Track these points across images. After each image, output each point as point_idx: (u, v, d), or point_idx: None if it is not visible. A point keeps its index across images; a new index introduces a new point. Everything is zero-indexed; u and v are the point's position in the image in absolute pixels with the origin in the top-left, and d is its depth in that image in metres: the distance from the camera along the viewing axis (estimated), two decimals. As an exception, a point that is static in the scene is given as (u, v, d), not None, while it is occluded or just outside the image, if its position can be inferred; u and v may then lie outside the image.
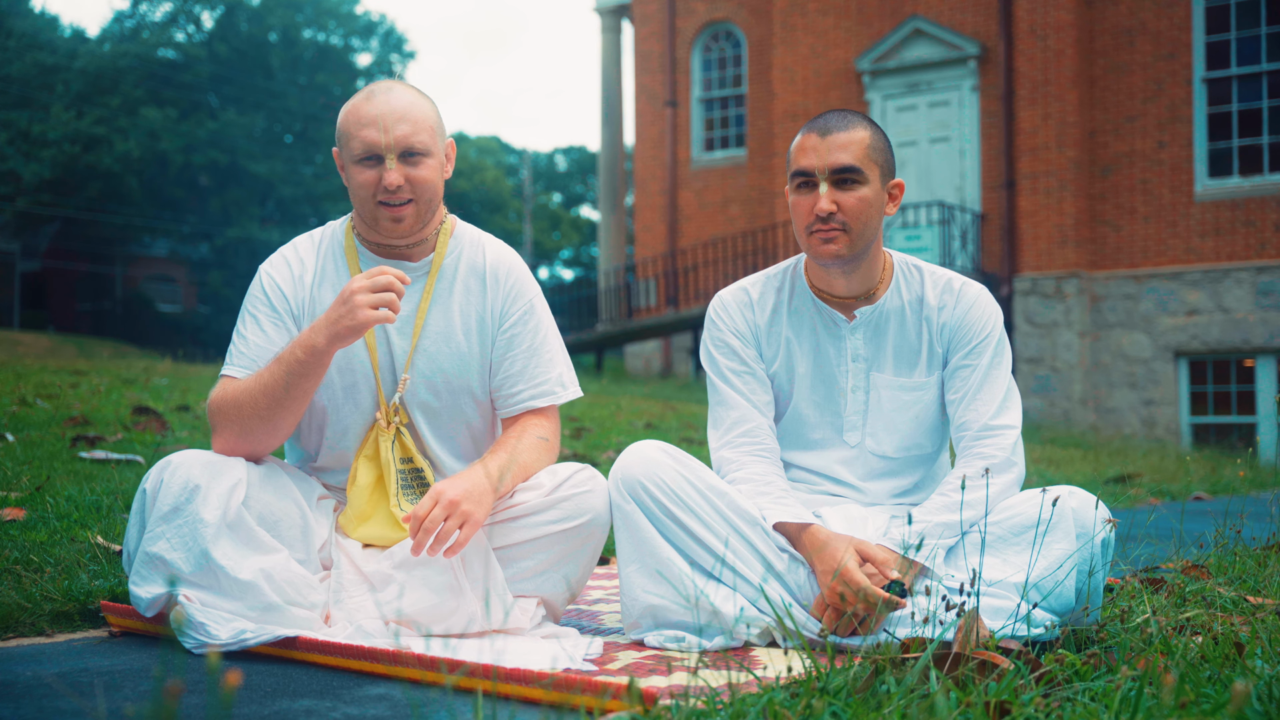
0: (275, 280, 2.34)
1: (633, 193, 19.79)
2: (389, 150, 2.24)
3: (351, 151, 2.26)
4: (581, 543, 2.27)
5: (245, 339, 2.29)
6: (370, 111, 2.24)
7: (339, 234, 2.41)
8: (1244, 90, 13.80)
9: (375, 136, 2.23)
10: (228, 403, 2.21)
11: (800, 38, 16.10)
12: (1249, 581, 2.60)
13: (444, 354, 2.36)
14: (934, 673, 1.56)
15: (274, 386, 2.18)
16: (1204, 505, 5.81)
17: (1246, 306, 13.50)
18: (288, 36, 35.17)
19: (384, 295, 2.14)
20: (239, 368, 2.26)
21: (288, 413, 2.20)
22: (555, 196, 50.50)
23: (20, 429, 5.01)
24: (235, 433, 2.20)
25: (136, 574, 2.09)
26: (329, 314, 2.16)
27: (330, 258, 2.38)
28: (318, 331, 2.16)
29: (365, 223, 2.33)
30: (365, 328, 2.13)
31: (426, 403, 2.36)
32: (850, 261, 2.35)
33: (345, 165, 2.30)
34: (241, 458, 2.21)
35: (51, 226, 34.49)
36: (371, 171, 2.25)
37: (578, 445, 6.56)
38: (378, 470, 2.32)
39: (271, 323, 2.30)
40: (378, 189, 2.25)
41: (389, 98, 2.26)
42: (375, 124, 2.23)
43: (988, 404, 2.35)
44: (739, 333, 2.47)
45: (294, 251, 2.38)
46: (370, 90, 2.28)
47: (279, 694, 1.81)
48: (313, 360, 2.16)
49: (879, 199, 2.33)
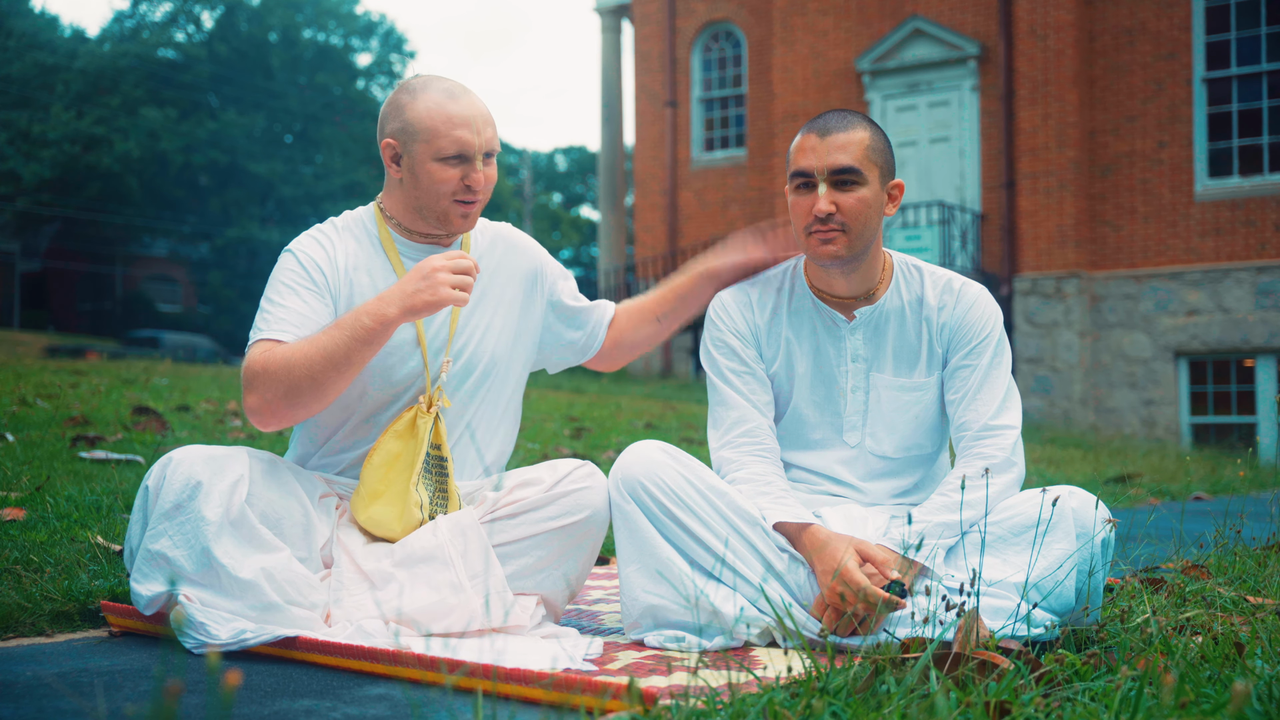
0: (312, 257, 2.33)
1: (633, 193, 19.79)
2: (479, 152, 2.30)
3: (439, 149, 2.28)
4: (580, 539, 2.27)
5: (284, 306, 2.26)
6: (461, 112, 2.29)
7: (368, 223, 2.42)
8: (1244, 90, 13.80)
9: (469, 138, 2.28)
10: (276, 363, 2.17)
11: (800, 38, 16.10)
12: (1249, 581, 2.60)
13: (487, 332, 2.42)
14: (934, 673, 1.56)
15: (335, 351, 2.16)
16: (1204, 505, 5.81)
17: (1246, 306, 13.50)
18: (288, 36, 35.17)
19: (464, 278, 2.19)
20: (282, 332, 2.23)
21: (342, 378, 2.19)
22: (555, 196, 50.52)
23: (20, 429, 5.02)
24: (280, 393, 2.16)
25: (138, 571, 2.09)
26: (404, 285, 2.18)
27: (356, 240, 2.39)
28: (389, 302, 2.17)
29: (425, 216, 2.35)
30: (442, 305, 2.17)
31: (464, 385, 2.39)
32: (849, 262, 2.36)
33: (415, 159, 2.31)
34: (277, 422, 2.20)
35: (51, 226, 34.50)
36: (455, 170, 2.29)
37: (578, 445, 6.57)
38: (400, 449, 2.31)
39: (312, 295, 2.29)
40: (459, 187, 2.30)
41: (472, 100, 2.32)
42: (468, 125, 2.28)
43: (988, 404, 2.35)
44: (739, 333, 2.47)
45: (322, 235, 2.39)
46: (447, 89, 2.32)
47: (279, 694, 1.81)
48: (380, 329, 2.17)
49: (878, 199, 2.33)
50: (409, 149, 2.31)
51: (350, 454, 2.39)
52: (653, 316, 2.64)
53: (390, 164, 2.36)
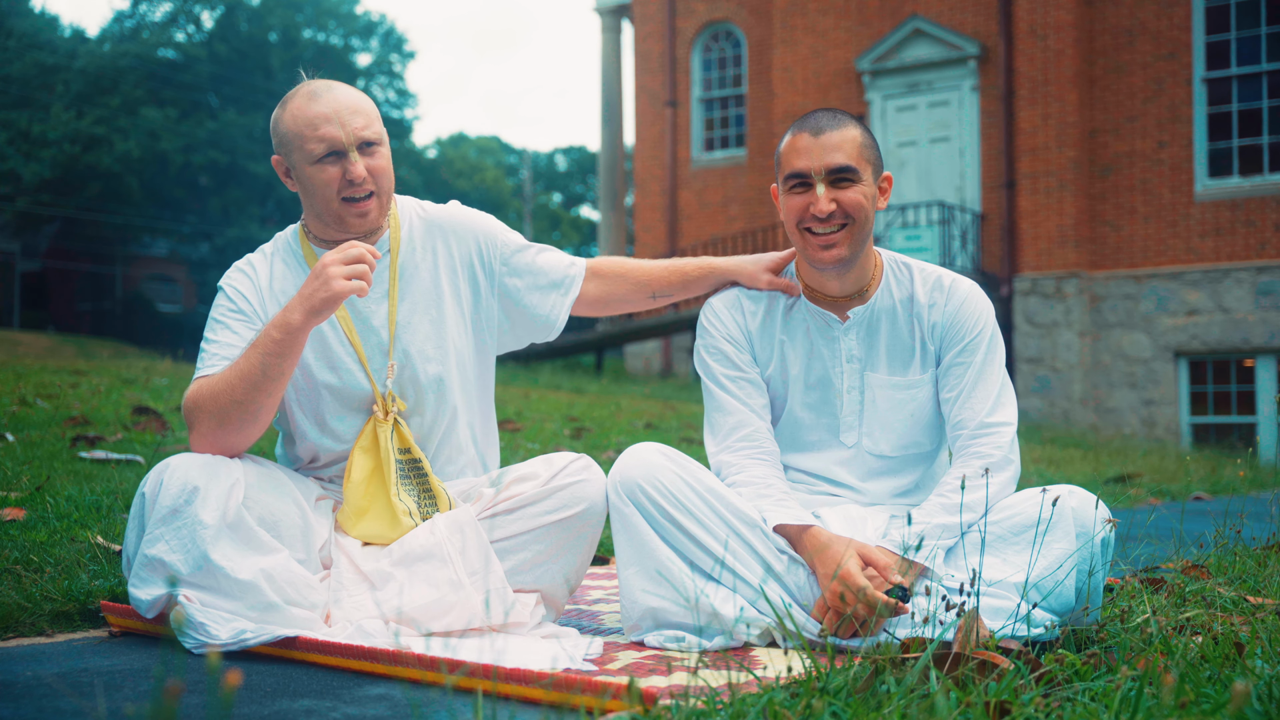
0: (239, 289, 2.35)
1: (633, 193, 19.79)
2: (350, 144, 2.26)
3: (309, 153, 2.27)
4: (578, 532, 2.27)
5: (217, 342, 2.29)
6: (322, 110, 2.26)
7: (291, 241, 2.43)
8: (1244, 90, 13.80)
9: (335, 133, 2.25)
10: (204, 395, 2.20)
11: (800, 38, 16.10)
12: (1249, 581, 2.60)
13: (427, 324, 2.38)
14: (934, 673, 1.56)
15: (250, 370, 2.17)
16: (1204, 505, 5.81)
17: (1246, 306, 13.50)
18: (288, 36, 35.17)
19: (357, 267, 2.16)
20: (213, 366, 2.26)
21: (265, 396, 2.18)
22: (555, 196, 50.51)
23: (20, 429, 5.01)
24: (214, 424, 2.18)
25: (136, 576, 2.08)
26: (303, 290, 2.17)
27: (284, 262, 2.39)
28: (292, 309, 2.16)
29: (327, 223, 2.34)
30: (340, 299, 2.15)
31: (418, 384, 2.37)
32: (849, 263, 2.36)
33: (297, 168, 2.30)
34: (223, 456, 2.20)
35: (51, 226, 34.49)
36: (334, 168, 2.27)
37: (578, 445, 6.57)
38: (374, 462, 2.32)
39: (243, 324, 2.31)
40: (342, 184, 2.27)
41: (334, 95, 2.28)
42: (331, 120, 2.25)
43: (982, 401, 2.35)
44: (732, 338, 2.47)
45: (248, 264, 2.40)
46: (309, 91, 2.30)
47: (279, 694, 1.81)
48: (288, 338, 2.16)
49: (873, 195, 2.35)
50: (290, 160, 2.31)
51: (334, 468, 2.42)
52: (649, 292, 2.60)
53: (285, 179, 2.36)
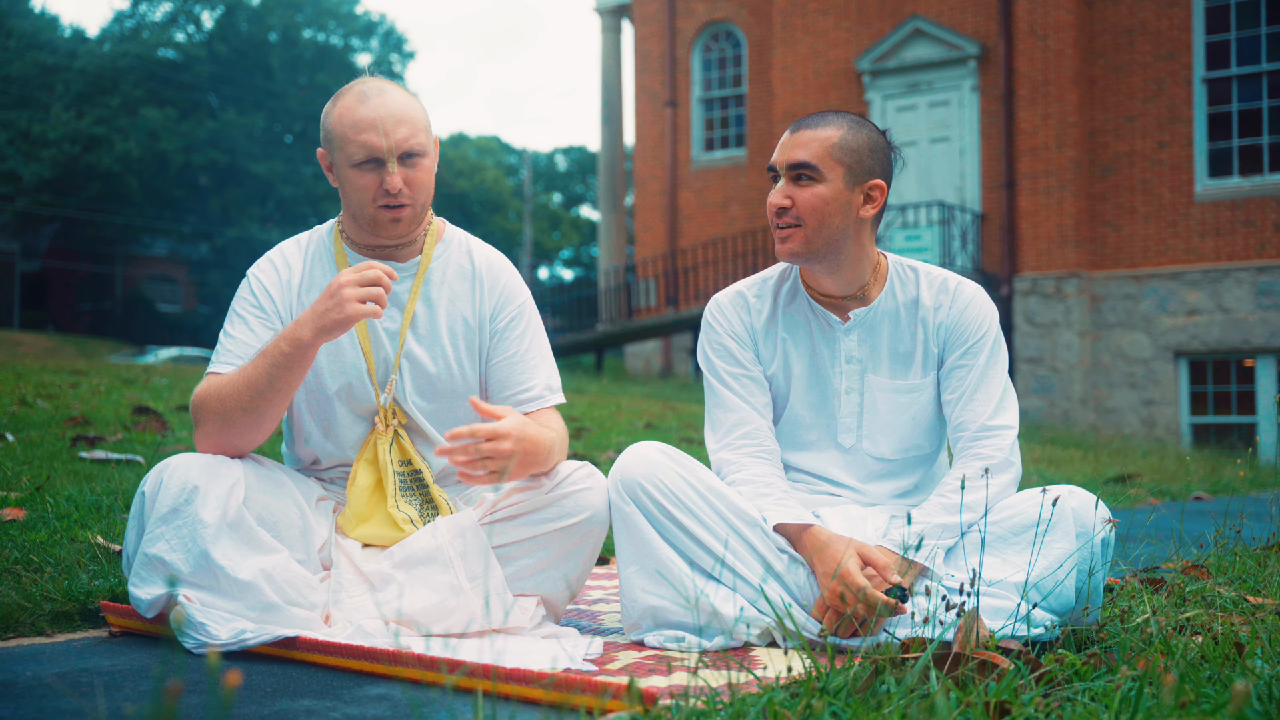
0: (263, 283, 2.34)
1: (633, 193, 19.79)
2: (390, 154, 2.22)
3: (349, 156, 2.24)
4: (580, 540, 2.26)
5: (233, 338, 2.29)
6: (368, 115, 2.22)
7: (326, 238, 2.41)
8: (1244, 90, 13.80)
9: (376, 141, 2.21)
10: (211, 395, 2.20)
11: (800, 38, 16.09)
12: (1249, 581, 2.60)
13: (430, 355, 2.36)
14: (934, 673, 1.56)
15: (257, 379, 2.17)
16: (1204, 505, 5.81)
17: (1246, 306, 13.50)
18: (288, 36, 35.17)
19: (372, 290, 2.12)
20: (225, 364, 2.25)
21: (270, 405, 2.18)
22: (555, 196, 50.50)
23: (20, 429, 5.01)
24: (218, 425, 2.18)
25: (136, 575, 2.08)
26: (315, 307, 2.15)
27: (317, 262, 2.38)
28: (303, 325, 2.14)
29: (360, 225, 2.32)
30: (352, 322, 2.13)
31: (419, 404, 2.36)
32: (810, 260, 2.34)
33: (338, 168, 2.29)
34: (225, 455, 2.20)
35: (51, 226, 34.49)
36: (372, 175, 2.24)
37: (578, 445, 6.56)
38: (377, 473, 2.32)
39: (260, 323, 2.30)
40: (378, 193, 2.24)
41: (384, 100, 2.24)
42: (374, 128, 2.21)
43: (985, 404, 2.35)
44: (736, 335, 2.47)
45: (280, 256, 2.38)
46: (361, 91, 2.26)
47: (279, 694, 1.81)
48: (296, 353, 2.15)
49: (840, 198, 2.29)
50: (334, 157, 2.29)
51: (338, 481, 2.42)
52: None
53: (327, 173, 2.34)
